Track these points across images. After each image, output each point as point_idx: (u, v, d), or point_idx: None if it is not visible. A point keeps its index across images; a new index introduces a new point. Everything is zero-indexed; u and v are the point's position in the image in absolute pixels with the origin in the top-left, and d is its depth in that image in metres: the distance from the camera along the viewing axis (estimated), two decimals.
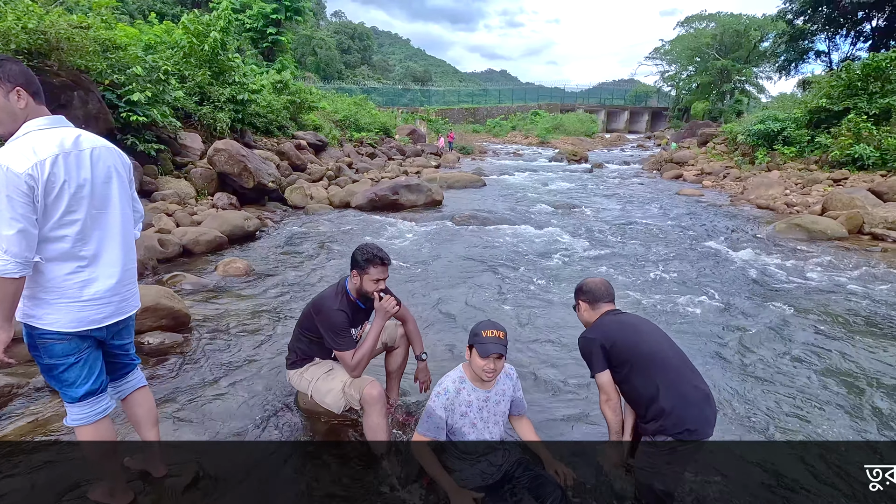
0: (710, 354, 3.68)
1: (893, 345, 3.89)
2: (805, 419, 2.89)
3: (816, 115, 14.36)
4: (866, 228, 7.89)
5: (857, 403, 3.06)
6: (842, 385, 3.28)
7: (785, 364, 3.57)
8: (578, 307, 2.35)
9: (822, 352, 3.77)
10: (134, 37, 10.39)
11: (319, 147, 15.24)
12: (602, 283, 2.33)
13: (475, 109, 44.49)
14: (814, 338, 4.02)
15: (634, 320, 2.23)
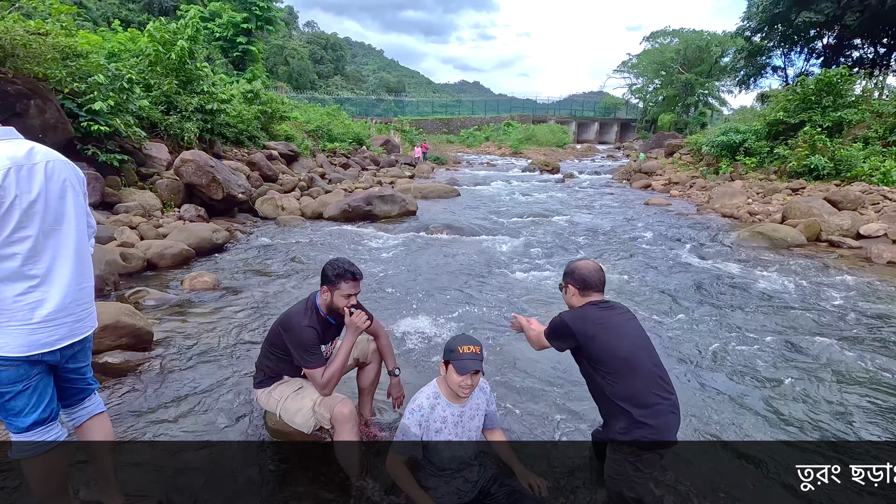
0: (670, 356, 3.76)
1: (842, 347, 4.03)
2: (742, 420, 2.98)
3: (775, 128, 15.01)
4: (823, 236, 8.23)
5: (799, 404, 3.16)
6: (788, 386, 3.38)
7: (737, 366, 3.66)
8: (566, 289, 2.24)
9: (776, 354, 3.88)
10: (96, 44, 10.08)
11: (291, 157, 15.05)
12: (595, 269, 2.21)
13: (449, 120, 44.79)
14: (771, 341, 4.14)
15: (618, 318, 2.12)
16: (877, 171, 11.56)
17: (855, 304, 5.14)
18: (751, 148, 15.34)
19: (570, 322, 2.09)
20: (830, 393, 3.32)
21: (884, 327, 4.51)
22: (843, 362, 3.76)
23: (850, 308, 5.02)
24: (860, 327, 4.52)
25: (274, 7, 27.29)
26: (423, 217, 10.29)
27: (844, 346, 4.06)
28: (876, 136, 12.95)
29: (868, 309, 4.99)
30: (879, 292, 5.58)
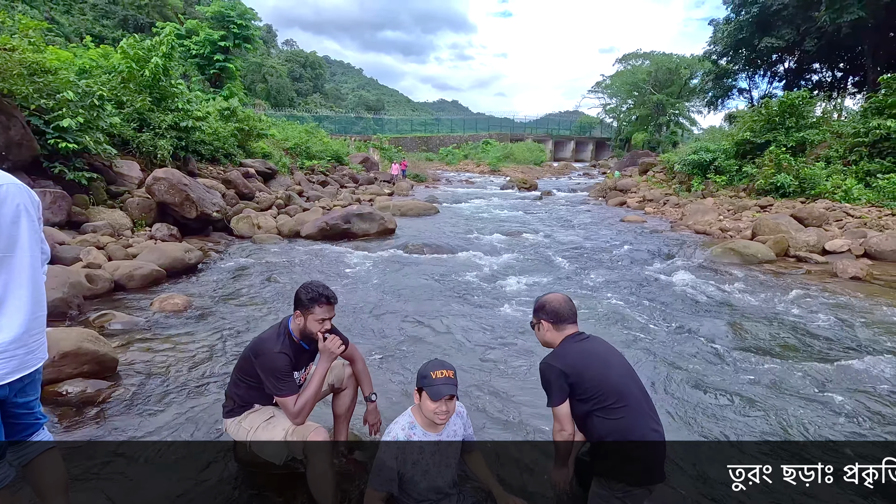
0: (642, 368, 3.77)
1: (802, 357, 4.12)
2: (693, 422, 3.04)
3: (742, 147, 15.56)
4: (791, 252, 8.49)
5: (754, 411, 3.20)
6: (744, 395, 3.42)
7: (699, 373, 3.70)
8: (539, 326, 2.19)
9: (742, 364, 3.94)
10: (67, 60, 9.88)
11: (269, 175, 14.89)
12: (565, 301, 2.17)
13: (428, 138, 45.12)
14: (740, 355, 4.20)
15: (601, 349, 2.10)
16: (839, 188, 12.04)
17: (821, 319, 5.27)
18: (720, 166, 15.84)
19: (556, 363, 2.02)
20: (783, 401, 3.37)
21: (844, 340, 4.63)
22: (804, 373, 3.84)
23: (817, 322, 5.15)
24: (822, 341, 4.63)
25: (252, 25, 27.24)
26: (403, 235, 10.26)
27: (805, 357, 4.15)
28: (837, 155, 13.52)
29: (833, 323, 5.12)
30: (844, 307, 5.74)
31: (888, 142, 12.21)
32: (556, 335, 2.15)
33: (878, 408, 3.35)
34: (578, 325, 2.20)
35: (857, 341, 4.63)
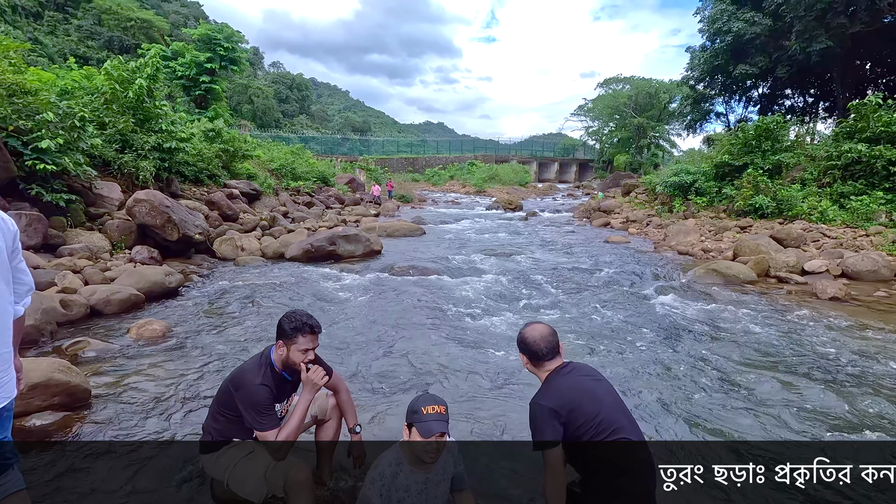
0: (628, 390, 3.75)
1: (783, 376, 4.14)
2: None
3: (721, 169, 15.94)
4: (772, 272, 8.63)
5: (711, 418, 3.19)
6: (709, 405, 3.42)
7: (679, 388, 3.69)
8: (522, 359, 2.17)
9: (721, 381, 3.94)
10: (49, 81, 9.78)
11: (253, 196, 14.78)
12: (542, 336, 2.10)
13: (414, 159, 45.43)
14: (715, 373, 4.21)
15: (589, 382, 2.05)
16: (815, 210, 12.37)
17: (803, 340, 5.32)
18: (701, 188, 16.19)
19: (547, 401, 1.95)
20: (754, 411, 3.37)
21: (820, 360, 4.68)
22: (783, 387, 3.85)
23: (799, 343, 5.20)
24: (804, 360, 4.67)
25: (239, 48, 27.35)
26: (388, 257, 10.20)
27: (785, 373, 4.18)
28: (811, 177, 13.93)
29: (814, 342, 5.18)
30: (825, 326, 5.82)
31: (859, 165, 12.63)
32: (537, 371, 2.12)
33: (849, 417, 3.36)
34: (565, 351, 2.16)
35: (837, 359, 4.68)
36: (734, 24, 22.12)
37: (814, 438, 3.12)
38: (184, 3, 72.12)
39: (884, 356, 4.76)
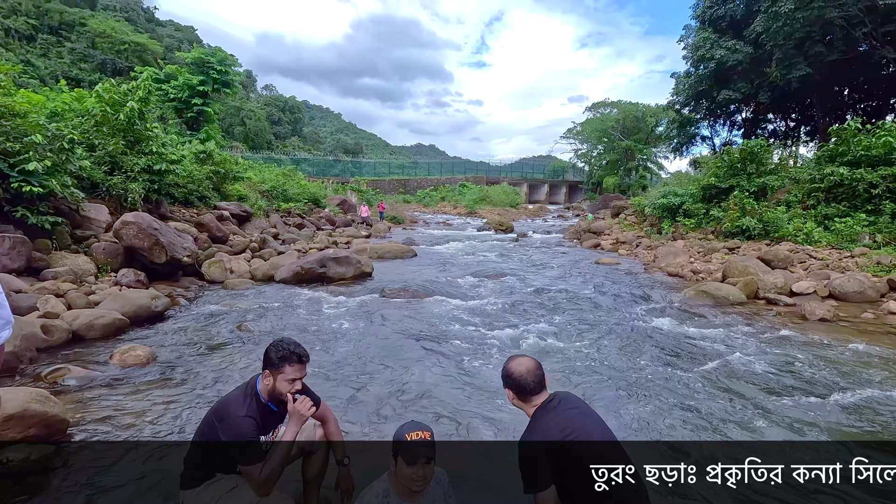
0: (611, 407, 3.70)
1: (769, 399, 4.13)
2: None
3: (708, 191, 16.21)
4: (761, 293, 8.69)
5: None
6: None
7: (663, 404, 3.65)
8: (508, 393, 2.11)
9: (712, 403, 3.91)
10: (38, 104, 9.76)
11: (244, 218, 14.72)
12: (528, 370, 2.06)
13: (406, 181, 45.74)
14: (715, 402, 4.18)
15: (579, 418, 1.98)
16: (800, 231, 12.56)
17: (795, 362, 5.33)
18: (689, 210, 16.41)
19: (535, 441, 1.90)
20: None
21: (817, 379, 4.68)
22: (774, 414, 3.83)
23: (789, 363, 5.20)
24: (798, 382, 4.67)
25: (232, 71, 27.63)
26: (379, 278, 10.14)
27: (778, 395, 4.16)
28: (796, 199, 14.20)
29: (803, 364, 5.19)
30: (814, 349, 5.84)
31: (842, 187, 12.90)
32: (524, 406, 2.06)
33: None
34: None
35: (828, 380, 4.68)
36: (716, 51, 22.81)
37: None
38: (178, 27, 73.05)
39: (877, 377, 4.77)
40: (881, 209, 11.76)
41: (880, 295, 8.40)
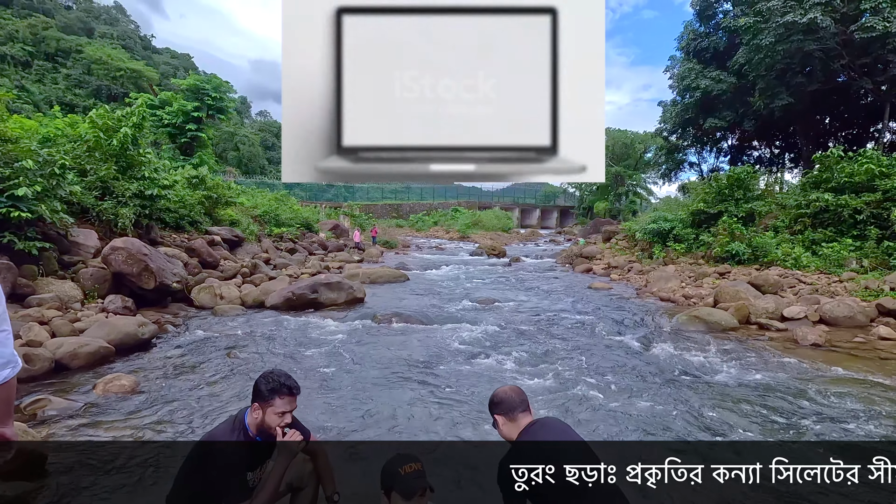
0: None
1: (768, 421, 4.09)
2: None
3: (698, 217, 16.43)
4: (753, 318, 8.72)
5: None
6: None
7: None
8: (496, 423, 2.13)
9: (705, 428, 3.86)
10: (31, 129, 9.76)
11: (235, 243, 14.64)
12: (513, 390, 2.16)
13: (399, 205, 45.98)
14: (705, 419, 4.14)
15: (564, 443, 2.00)
16: (789, 256, 12.71)
17: (790, 388, 5.31)
18: (679, 235, 16.59)
19: (520, 461, 1.89)
20: None
21: (812, 407, 4.66)
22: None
23: (787, 391, 5.18)
24: (795, 410, 4.64)
25: (227, 97, 27.97)
26: (372, 304, 10.06)
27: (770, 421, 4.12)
28: (783, 225, 14.43)
29: (802, 391, 5.17)
30: (808, 374, 5.84)
31: (827, 213, 13.15)
32: (512, 428, 2.07)
33: None
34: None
35: (825, 408, 4.66)
36: (701, 81, 23.53)
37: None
38: (174, 54, 74.16)
39: (859, 401, 4.76)
40: (867, 234, 11.96)
41: (870, 319, 8.46)
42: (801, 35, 17.67)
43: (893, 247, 11.19)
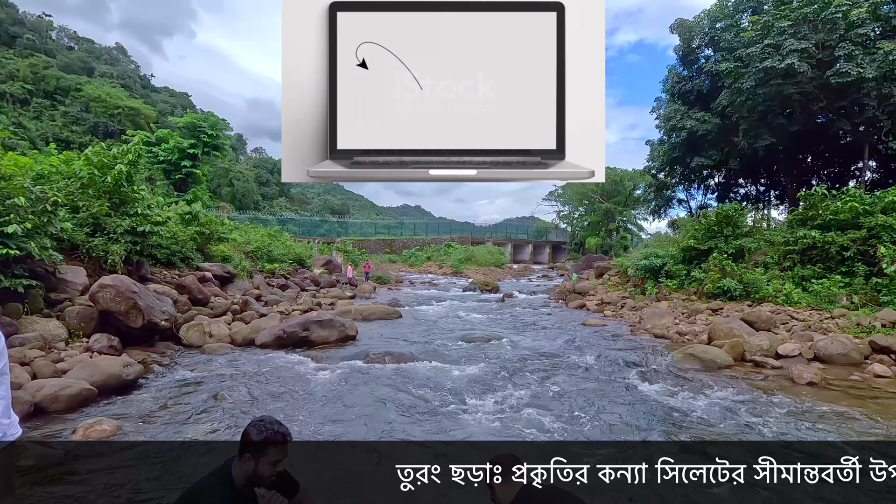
0: None
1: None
2: None
3: (688, 253, 16.59)
4: (748, 356, 8.68)
5: None
6: None
7: None
8: (494, 490, 2.07)
9: None
10: (25, 166, 9.78)
11: (226, 279, 14.50)
12: (508, 456, 2.11)
13: (392, 241, 46.11)
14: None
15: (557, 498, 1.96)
16: (780, 292, 12.80)
17: (792, 430, 5.23)
18: (671, 271, 16.69)
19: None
20: None
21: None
22: None
23: (784, 431, 5.10)
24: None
25: (223, 135, 28.40)
26: (363, 342, 9.91)
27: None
28: (773, 261, 14.58)
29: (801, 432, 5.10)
30: (810, 415, 5.77)
31: (815, 250, 13.34)
32: (508, 490, 2.01)
33: None
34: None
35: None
36: (687, 121, 24.26)
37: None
38: (173, 93, 75.62)
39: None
40: (855, 271, 12.11)
41: (864, 357, 8.45)
42: (780, 79, 18.41)
43: (882, 283, 11.31)
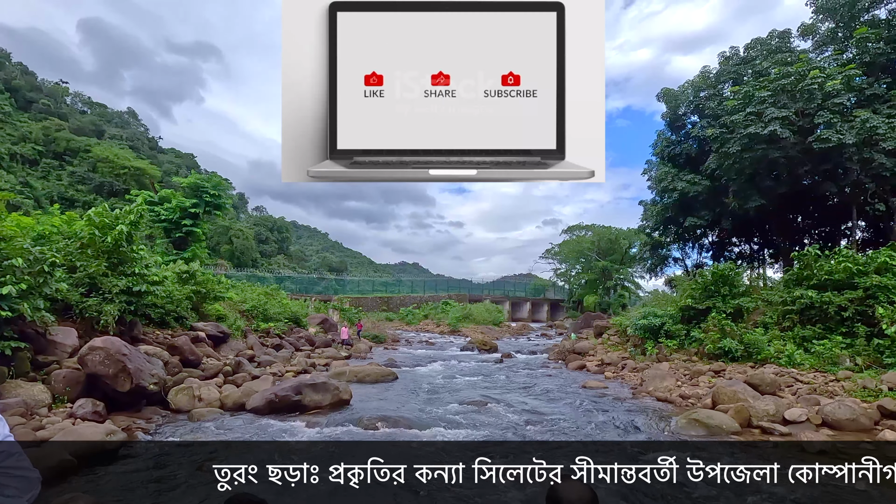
0: None
1: None
2: None
3: (686, 312, 16.49)
4: (754, 422, 8.40)
5: None
6: None
7: None
8: None
9: None
10: (27, 227, 9.89)
11: (220, 339, 14.27)
12: None
13: (389, 298, 45.87)
14: None
15: None
16: (782, 353, 12.61)
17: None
18: (670, 331, 16.52)
19: None
20: None
21: None
22: None
23: None
24: None
25: (225, 194, 28.96)
26: (358, 406, 9.60)
27: None
28: (772, 321, 14.48)
29: None
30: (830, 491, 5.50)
31: (813, 310, 13.29)
32: None
33: None
34: None
35: None
36: (678, 183, 24.96)
37: None
38: (178, 154, 78.05)
39: None
40: (855, 331, 12.00)
41: (874, 422, 8.20)
42: (765, 144, 19.15)
43: (884, 344, 11.18)
